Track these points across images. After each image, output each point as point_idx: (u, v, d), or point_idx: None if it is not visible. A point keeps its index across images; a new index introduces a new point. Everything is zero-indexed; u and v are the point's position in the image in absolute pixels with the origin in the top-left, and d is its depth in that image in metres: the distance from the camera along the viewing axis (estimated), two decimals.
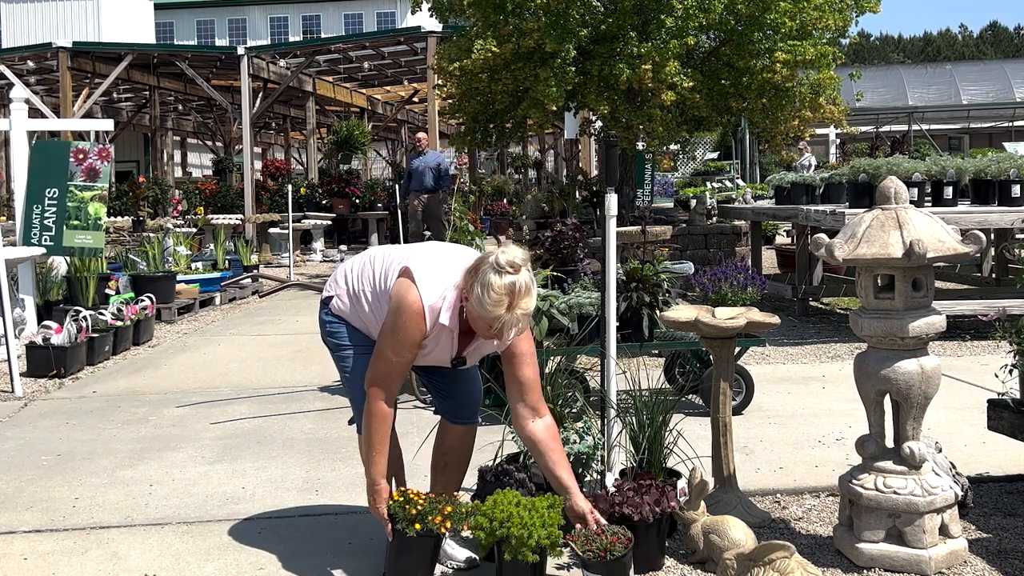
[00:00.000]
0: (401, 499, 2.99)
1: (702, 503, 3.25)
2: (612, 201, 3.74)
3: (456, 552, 3.25)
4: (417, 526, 2.93)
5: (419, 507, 2.96)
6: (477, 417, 3.34)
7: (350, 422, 3.28)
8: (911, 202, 3.32)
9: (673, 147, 15.53)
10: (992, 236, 9.41)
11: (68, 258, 8.40)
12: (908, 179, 7.37)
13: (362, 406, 3.07)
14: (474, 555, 3.22)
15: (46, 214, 7.84)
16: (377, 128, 24.51)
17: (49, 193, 7.85)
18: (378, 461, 3.01)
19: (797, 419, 5.12)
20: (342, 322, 3.19)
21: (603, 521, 3.05)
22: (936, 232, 3.14)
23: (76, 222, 7.88)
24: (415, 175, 13.12)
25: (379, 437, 3.00)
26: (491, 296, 2.82)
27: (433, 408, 3.42)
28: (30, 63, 18.00)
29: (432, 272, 2.98)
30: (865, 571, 3.10)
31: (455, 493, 3.24)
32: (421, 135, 13.90)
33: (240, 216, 16.33)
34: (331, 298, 3.23)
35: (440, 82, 10.71)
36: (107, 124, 10.44)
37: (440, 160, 13.36)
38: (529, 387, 3.06)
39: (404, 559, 2.99)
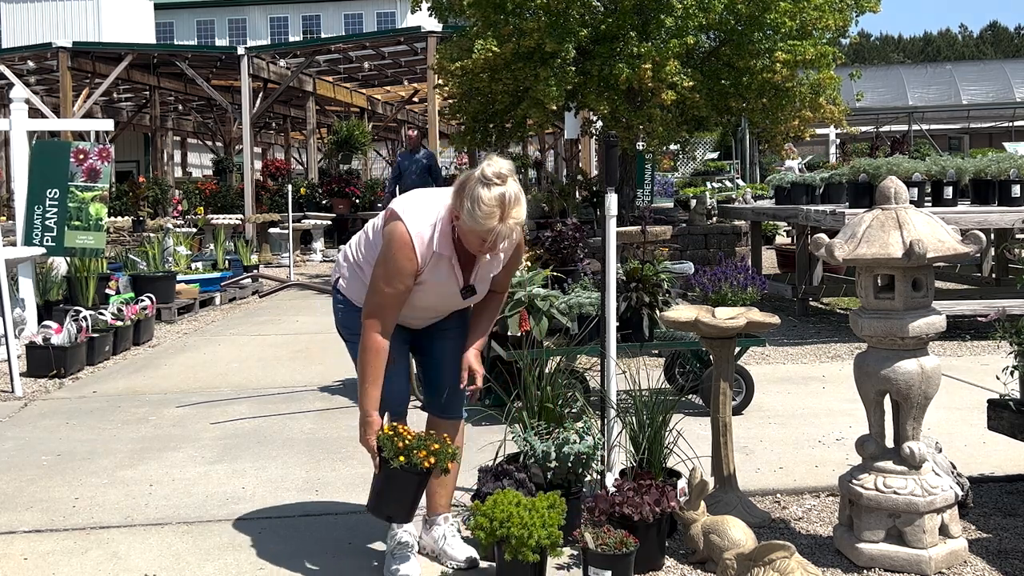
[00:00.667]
0: (391, 432, 2.97)
1: (702, 503, 3.25)
2: (612, 201, 3.74)
3: (456, 552, 3.25)
4: (401, 459, 2.91)
5: (406, 441, 2.94)
6: (463, 411, 3.38)
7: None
8: (911, 202, 3.33)
9: (673, 147, 15.53)
10: (992, 236, 9.41)
11: (68, 258, 8.40)
12: (908, 179, 7.37)
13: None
14: (474, 554, 3.21)
15: (47, 215, 7.84)
16: (377, 128, 24.52)
17: (50, 194, 7.85)
18: (371, 393, 3.00)
19: (797, 419, 5.12)
20: (351, 307, 3.20)
21: (476, 367, 3.17)
22: (936, 232, 3.14)
23: (77, 223, 7.88)
24: (405, 174, 12.81)
25: (373, 369, 3.00)
26: (482, 209, 2.84)
27: (421, 405, 3.44)
28: (30, 63, 18.00)
29: (417, 206, 3.02)
30: (865, 571, 3.10)
31: (452, 490, 3.29)
32: (412, 132, 13.55)
33: (240, 216, 16.32)
34: (338, 279, 3.27)
35: (440, 82, 10.71)
36: (107, 124, 10.44)
37: (432, 159, 13.03)
38: (501, 286, 3.24)
39: (387, 494, 2.98)
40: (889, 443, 3.27)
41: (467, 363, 3.19)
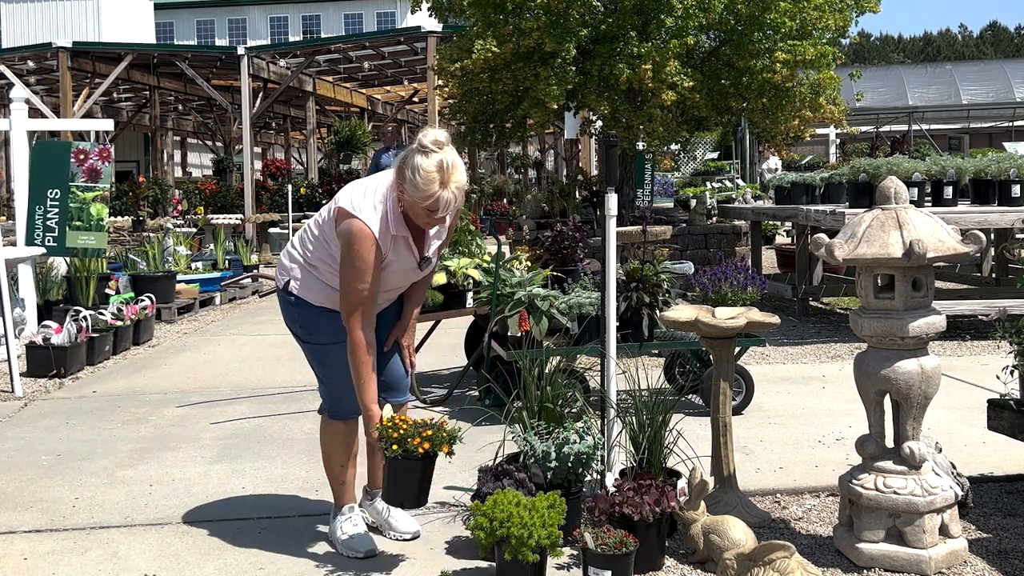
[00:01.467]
0: (388, 423, 3.10)
1: (702, 503, 3.25)
2: (612, 201, 3.74)
3: (401, 524, 3.39)
4: (396, 447, 3.04)
5: (401, 431, 3.05)
6: (408, 394, 3.55)
7: (320, 409, 3.46)
8: (911, 202, 3.33)
9: (673, 147, 15.53)
10: (992, 236, 9.41)
11: (68, 258, 8.40)
12: (908, 179, 7.37)
13: (336, 397, 3.34)
14: (419, 528, 3.34)
15: (48, 215, 7.84)
16: (377, 128, 24.52)
17: (51, 194, 7.85)
18: (367, 388, 3.15)
19: (797, 419, 5.12)
20: (308, 307, 3.29)
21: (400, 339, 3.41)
22: (936, 232, 3.14)
23: (79, 223, 7.88)
24: (383, 171, 12.64)
25: (365, 365, 3.13)
26: (423, 175, 3.00)
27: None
28: (30, 63, 17.99)
29: (363, 197, 3.14)
30: (865, 571, 3.10)
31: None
32: (389, 127, 13.20)
33: (240, 216, 16.32)
34: (288, 282, 3.33)
35: (440, 82, 10.70)
36: (107, 124, 10.44)
37: None
38: (439, 257, 3.44)
39: (394, 481, 3.11)
40: (889, 443, 3.27)
41: (400, 333, 3.43)
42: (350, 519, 3.40)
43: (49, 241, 7.83)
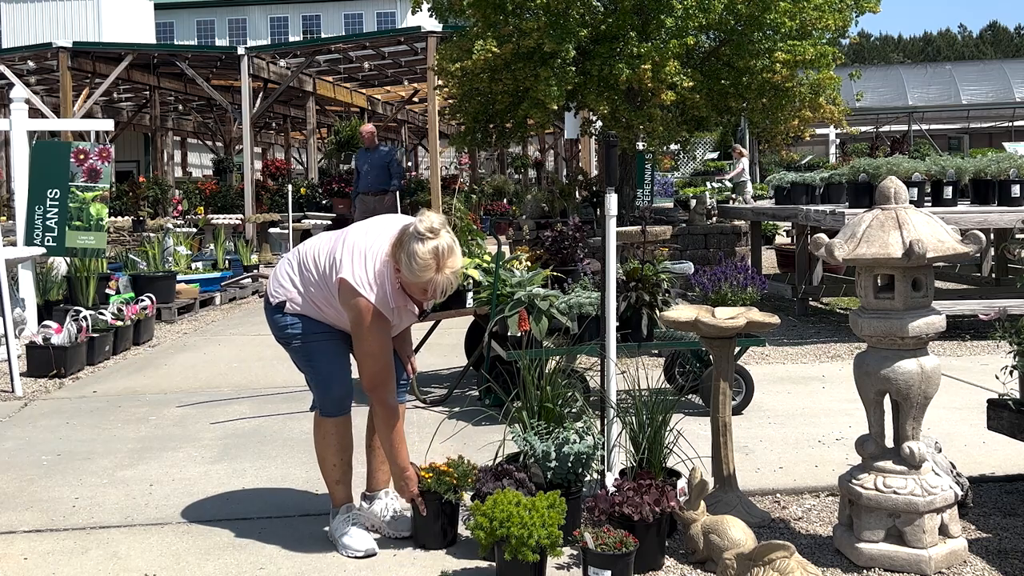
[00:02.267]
0: (433, 475, 3.38)
1: (702, 503, 3.25)
2: (612, 201, 3.74)
3: (399, 524, 3.45)
4: (460, 492, 3.35)
5: (455, 478, 3.38)
6: (406, 395, 3.65)
7: (312, 408, 3.52)
8: (911, 202, 3.33)
9: (673, 147, 15.52)
10: (992, 236, 9.41)
11: (69, 258, 8.40)
12: (908, 179, 7.38)
13: (324, 391, 3.40)
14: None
15: (48, 215, 7.84)
16: (377, 128, 24.51)
17: (51, 194, 7.85)
18: (401, 451, 3.35)
19: (797, 419, 5.12)
20: (301, 317, 3.40)
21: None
22: (936, 232, 3.14)
23: (78, 223, 7.89)
24: (363, 173, 12.02)
25: (398, 433, 3.34)
26: (418, 263, 3.11)
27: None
28: (30, 63, 17.99)
29: (363, 270, 3.21)
30: (865, 571, 3.10)
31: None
32: (366, 128, 12.60)
33: (240, 216, 16.32)
34: (284, 303, 3.41)
35: (440, 82, 10.70)
36: (107, 124, 10.44)
37: (391, 155, 12.18)
38: None
39: (434, 522, 3.37)
40: (889, 443, 3.28)
41: (397, 344, 3.53)
42: (348, 519, 3.42)
43: (48, 241, 7.83)
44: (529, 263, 5.86)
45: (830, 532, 3.41)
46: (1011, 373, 3.67)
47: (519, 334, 4.90)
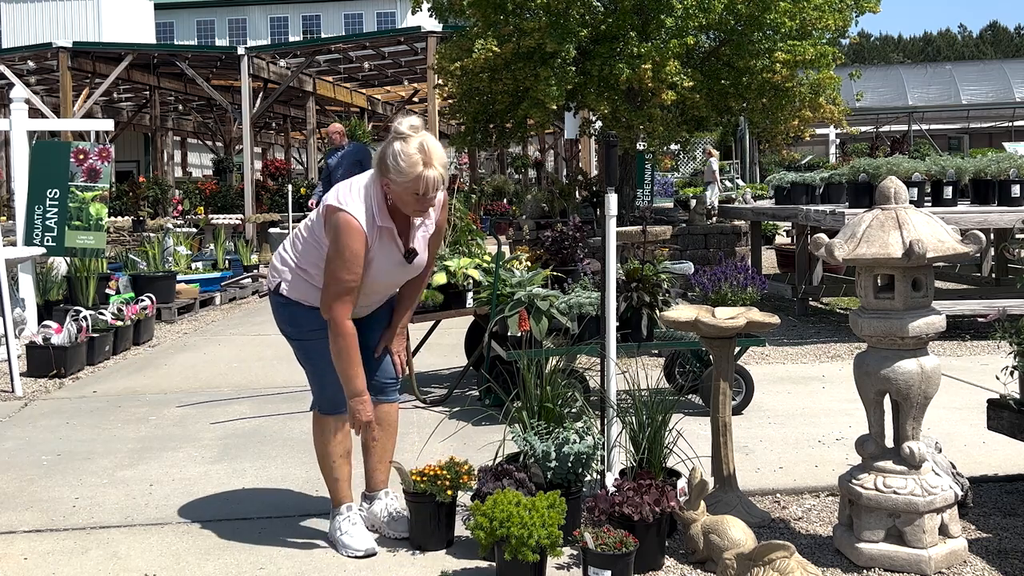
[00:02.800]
0: (426, 479, 3.36)
1: (702, 503, 3.25)
2: (612, 201, 3.74)
3: (399, 524, 3.42)
4: (449, 492, 3.33)
5: (448, 480, 3.34)
6: (398, 394, 3.60)
7: (311, 407, 3.49)
8: (911, 202, 3.33)
9: (673, 147, 15.54)
10: (992, 236, 9.41)
11: (68, 258, 8.40)
12: (908, 179, 7.37)
13: (321, 388, 3.39)
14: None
15: (48, 215, 7.84)
16: (377, 128, 24.52)
17: (50, 194, 7.85)
18: (356, 374, 3.22)
19: (797, 419, 5.12)
20: (298, 305, 3.35)
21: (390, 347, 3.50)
22: (936, 232, 3.14)
23: (78, 223, 7.89)
24: (334, 173, 11.40)
25: (349, 353, 3.20)
26: (405, 160, 3.07)
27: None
28: (30, 63, 18.00)
29: (349, 194, 3.20)
30: (865, 571, 3.10)
31: (387, 471, 3.59)
32: (334, 127, 12.14)
33: (240, 216, 16.34)
34: (279, 284, 3.38)
35: (440, 82, 10.71)
36: (107, 124, 10.44)
37: (361, 151, 11.59)
38: (430, 259, 3.47)
39: (429, 523, 3.37)
40: (889, 443, 3.27)
41: (389, 340, 3.50)
42: (348, 518, 3.41)
43: (48, 241, 7.83)
44: (529, 263, 5.86)
45: (830, 532, 3.41)
46: (1011, 373, 3.67)
47: (519, 334, 4.90)
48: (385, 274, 3.30)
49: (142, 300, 8.19)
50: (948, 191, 7.67)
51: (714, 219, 11.38)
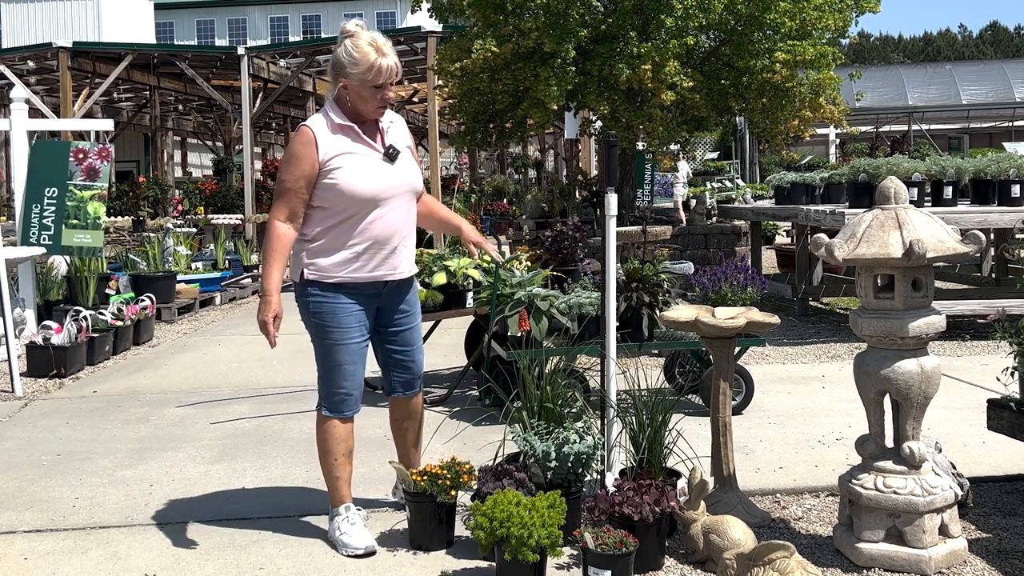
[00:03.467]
0: (427, 478, 3.35)
1: (702, 503, 3.25)
2: (612, 201, 3.74)
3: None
4: (452, 493, 3.34)
5: (449, 479, 3.35)
6: (420, 385, 3.65)
7: (316, 406, 3.55)
8: (911, 202, 3.33)
9: (673, 147, 15.53)
10: (992, 236, 9.41)
11: (68, 258, 8.40)
12: (908, 179, 7.37)
13: (327, 385, 3.43)
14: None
15: (45, 213, 7.84)
16: None
17: (48, 192, 7.85)
18: (273, 275, 3.26)
19: (797, 419, 5.12)
20: (320, 289, 3.34)
21: (480, 241, 3.62)
22: (936, 232, 3.14)
23: (75, 221, 7.88)
24: None
25: (275, 253, 3.26)
26: (359, 52, 3.19)
27: (382, 390, 3.72)
28: (30, 63, 17.98)
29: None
30: (865, 571, 3.10)
31: (419, 455, 3.68)
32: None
33: (240, 216, 16.33)
34: (301, 271, 3.38)
35: (440, 82, 10.70)
36: (107, 124, 10.44)
37: None
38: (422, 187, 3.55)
39: (429, 523, 3.36)
40: (889, 443, 3.27)
41: (474, 239, 3.63)
42: (347, 518, 3.41)
43: (45, 239, 7.83)
44: (529, 263, 5.85)
45: (830, 532, 3.41)
46: (1011, 373, 3.67)
47: (519, 334, 4.90)
48: (370, 178, 3.28)
49: (142, 300, 8.19)
50: (948, 191, 7.67)
51: (714, 219, 11.39)
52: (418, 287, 3.60)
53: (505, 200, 18.04)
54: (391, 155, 3.32)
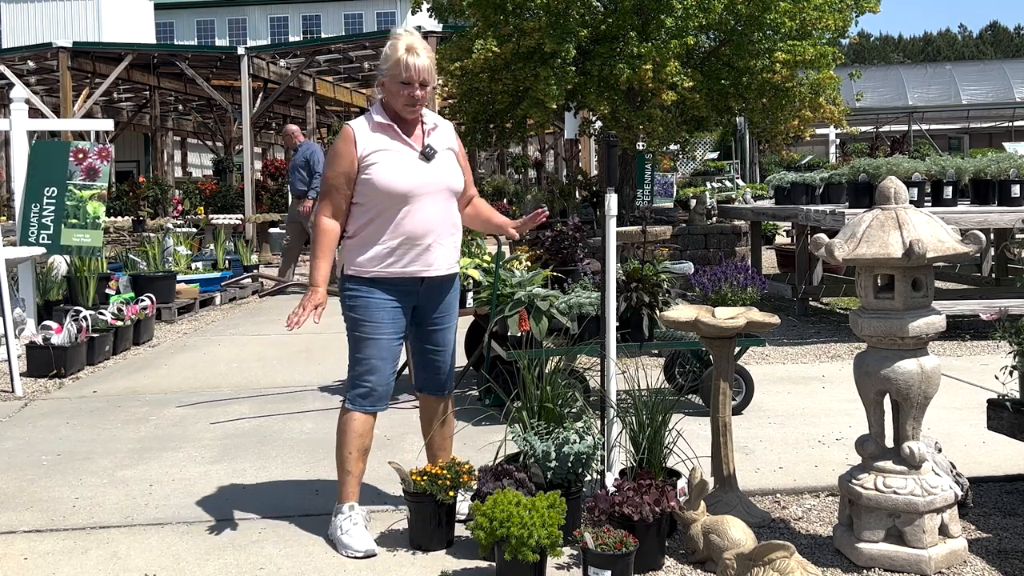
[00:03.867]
0: (427, 477, 3.36)
1: (702, 503, 3.25)
2: (612, 201, 3.74)
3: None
4: (451, 493, 3.33)
5: (448, 479, 3.35)
6: (452, 387, 3.70)
7: (343, 400, 3.57)
8: (911, 202, 3.33)
9: (673, 147, 15.53)
10: (992, 236, 9.41)
11: (68, 258, 8.40)
12: (908, 179, 7.37)
13: (355, 377, 3.45)
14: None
15: (44, 213, 7.84)
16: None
17: (48, 192, 7.85)
18: (321, 267, 3.39)
19: (797, 419, 5.12)
20: (357, 284, 3.42)
21: (520, 224, 3.68)
22: (936, 232, 3.14)
23: (74, 221, 7.88)
24: (291, 175, 11.21)
25: (321, 247, 3.40)
26: (389, 50, 3.32)
27: (416, 386, 3.72)
28: (30, 63, 17.99)
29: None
30: (865, 571, 3.10)
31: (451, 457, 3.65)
32: (290, 128, 11.77)
33: (240, 216, 16.33)
34: (342, 267, 3.49)
35: (440, 82, 10.70)
36: (107, 124, 10.44)
37: (308, 150, 11.12)
38: (470, 183, 3.66)
39: (429, 523, 3.36)
40: (889, 443, 3.27)
41: (516, 224, 3.72)
42: (350, 518, 3.41)
43: (44, 239, 7.82)
44: (529, 263, 5.85)
45: (830, 532, 3.41)
46: (1011, 373, 3.67)
47: (519, 334, 4.90)
48: (404, 174, 3.36)
49: (142, 300, 8.19)
50: (948, 191, 7.67)
51: (714, 219, 11.38)
52: (458, 288, 3.65)
53: (505, 200, 18.01)
54: (427, 154, 3.41)
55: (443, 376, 3.64)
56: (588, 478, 3.54)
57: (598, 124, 10.34)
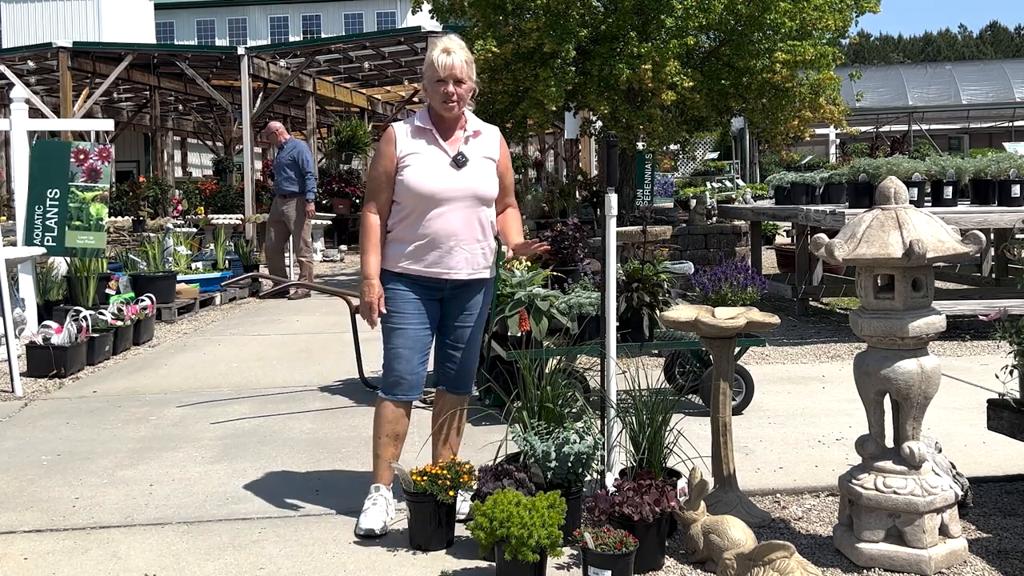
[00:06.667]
0: (427, 478, 3.36)
1: (702, 503, 3.25)
2: (612, 201, 3.74)
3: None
4: (452, 492, 3.34)
5: (449, 480, 3.35)
6: (472, 387, 3.78)
7: (376, 388, 3.75)
8: (911, 202, 3.33)
9: (673, 147, 15.53)
10: (992, 236, 9.41)
11: (68, 258, 8.39)
12: (908, 179, 7.37)
13: (386, 366, 3.58)
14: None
15: (48, 215, 7.84)
16: (377, 128, 24.51)
17: (51, 194, 7.85)
18: (370, 261, 3.52)
19: (797, 419, 5.12)
20: (389, 278, 3.54)
21: (519, 246, 3.67)
22: (936, 232, 3.14)
23: (78, 223, 7.88)
24: (277, 174, 10.97)
25: (369, 242, 3.54)
26: (431, 51, 3.46)
27: (435, 381, 3.80)
28: (30, 63, 17.98)
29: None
30: (865, 571, 3.10)
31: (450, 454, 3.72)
32: (272, 125, 11.32)
33: (240, 216, 16.33)
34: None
35: None
36: (107, 124, 10.44)
37: (295, 149, 10.79)
38: (508, 191, 3.74)
39: (429, 523, 3.36)
40: (889, 443, 3.28)
41: (520, 245, 3.69)
42: (372, 498, 3.54)
43: (48, 241, 7.83)
44: (529, 263, 5.85)
45: (830, 532, 3.41)
46: (1011, 373, 3.67)
47: (519, 334, 4.90)
48: (432, 178, 3.47)
49: (142, 300, 8.19)
50: (948, 191, 7.67)
51: (714, 219, 11.39)
52: (490, 292, 3.73)
53: None
54: (459, 161, 3.51)
55: (460, 374, 3.70)
56: (588, 478, 3.54)
57: (598, 124, 10.34)
